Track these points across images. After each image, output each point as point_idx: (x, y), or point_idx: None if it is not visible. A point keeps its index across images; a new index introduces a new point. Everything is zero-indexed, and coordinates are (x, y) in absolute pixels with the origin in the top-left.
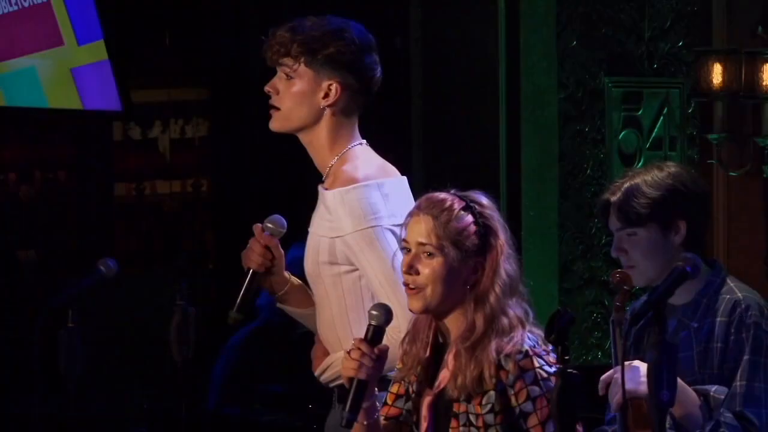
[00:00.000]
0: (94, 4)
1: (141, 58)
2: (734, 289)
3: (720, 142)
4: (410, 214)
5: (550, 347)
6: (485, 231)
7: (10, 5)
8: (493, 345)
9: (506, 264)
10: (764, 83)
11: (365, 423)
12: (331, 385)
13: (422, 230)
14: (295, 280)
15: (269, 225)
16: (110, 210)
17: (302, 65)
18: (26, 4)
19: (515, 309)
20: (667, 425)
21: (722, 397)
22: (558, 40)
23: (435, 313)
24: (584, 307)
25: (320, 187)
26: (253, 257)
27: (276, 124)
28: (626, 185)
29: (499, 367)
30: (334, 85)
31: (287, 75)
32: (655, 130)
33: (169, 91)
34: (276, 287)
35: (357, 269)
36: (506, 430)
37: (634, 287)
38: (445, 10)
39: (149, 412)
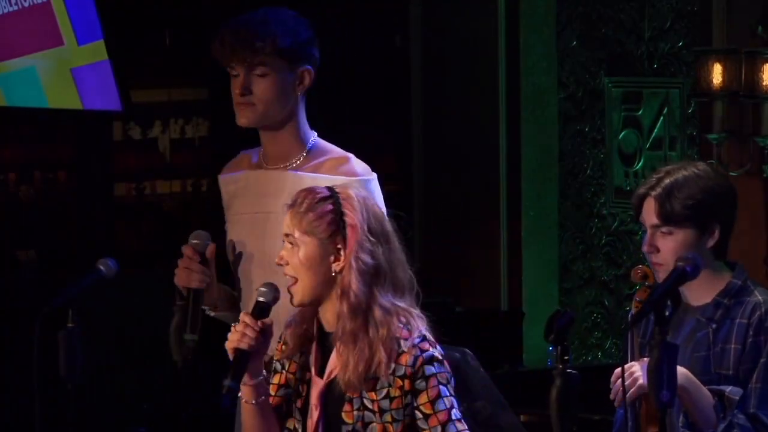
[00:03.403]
0: (94, 4)
1: (141, 58)
2: (755, 292)
3: (720, 142)
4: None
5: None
6: (342, 220)
7: (10, 5)
8: (384, 334)
9: (363, 254)
10: (764, 83)
11: (254, 402)
12: None
13: (287, 221)
14: (223, 286)
15: (196, 242)
16: (110, 210)
17: (278, 58)
18: (26, 4)
19: (388, 299)
20: (680, 424)
21: (737, 397)
22: (558, 40)
23: (310, 303)
24: (584, 307)
25: (289, 171)
26: (194, 276)
27: (250, 119)
28: (667, 181)
29: (399, 353)
30: (307, 71)
31: (262, 73)
32: (655, 130)
33: (169, 91)
34: (213, 299)
35: None
36: (400, 416)
37: (655, 283)
38: (445, 10)
39: (149, 412)
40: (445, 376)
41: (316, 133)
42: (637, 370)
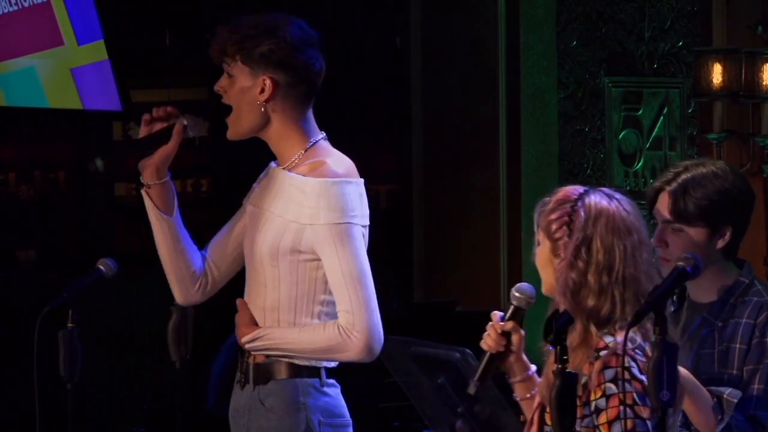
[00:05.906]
0: (94, 4)
1: (141, 58)
2: (762, 292)
3: (720, 142)
4: None
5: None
6: (572, 225)
7: (10, 5)
8: (582, 356)
9: (572, 271)
10: (764, 83)
11: (522, 399)
12: (256, 353)
13: (536, 218)
14: (171, 185)
15: (188, 123)
16: (110, 210)
17: (239, 62)
18: (26, 4)
19: (605, 304)
20: (678, 424)
21: (735, 400)
22: (558, 40)
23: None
24: None
25: (284, 171)
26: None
27: (229, 132)
28: (684, 177)
29: (604, 361)
30: (268, 80)
31: (229, 73)
32: (655, 130)
33: (169, 91)
34: (156, 173)
35: (317, 259)
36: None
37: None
38: (445, 10)
39: (149, 412)
40: (631, 397)
41: (324, 135)
42: None
